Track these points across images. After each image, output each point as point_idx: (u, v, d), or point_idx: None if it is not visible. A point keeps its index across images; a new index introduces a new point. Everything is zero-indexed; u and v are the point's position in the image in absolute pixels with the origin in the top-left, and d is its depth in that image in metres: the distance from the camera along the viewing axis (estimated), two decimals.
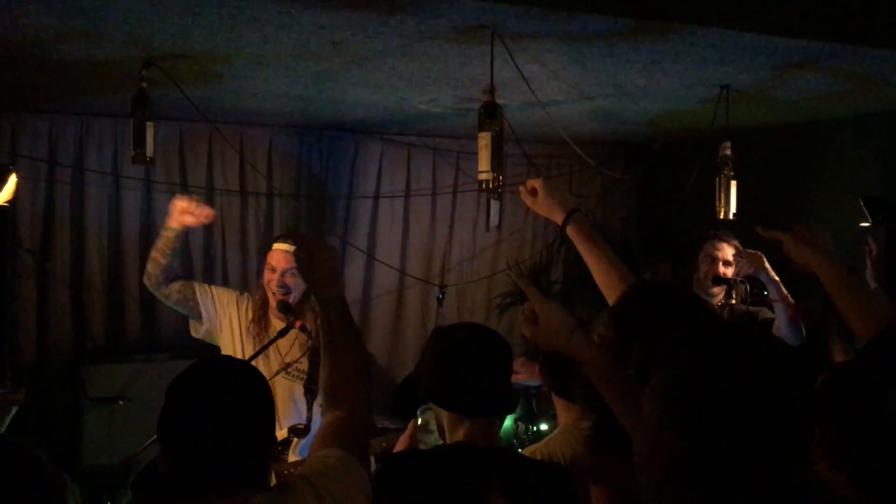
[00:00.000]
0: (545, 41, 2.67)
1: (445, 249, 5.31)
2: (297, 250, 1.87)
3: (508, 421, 3.62)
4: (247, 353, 3.04)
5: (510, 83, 3.07)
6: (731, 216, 3.54)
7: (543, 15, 2.39)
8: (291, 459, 2.97)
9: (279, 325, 3.11)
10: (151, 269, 3.14)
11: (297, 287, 3.08)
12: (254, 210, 4.75)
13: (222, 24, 2.51)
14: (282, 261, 3.10)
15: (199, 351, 3.44)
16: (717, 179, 3.52)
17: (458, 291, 5.24)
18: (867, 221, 3.16)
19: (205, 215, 3.16)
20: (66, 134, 4.33)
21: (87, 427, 4.02)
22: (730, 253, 3.57)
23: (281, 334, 3.00)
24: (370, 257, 5.04)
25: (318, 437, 1.72)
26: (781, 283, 3.38)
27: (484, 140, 2.67)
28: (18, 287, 4.10)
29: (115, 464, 2.88)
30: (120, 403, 3.98)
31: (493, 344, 1.92)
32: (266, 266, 3.18)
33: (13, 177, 3.14)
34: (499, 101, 2.71)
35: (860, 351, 1.86)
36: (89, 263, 4.42)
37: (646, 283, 2.19)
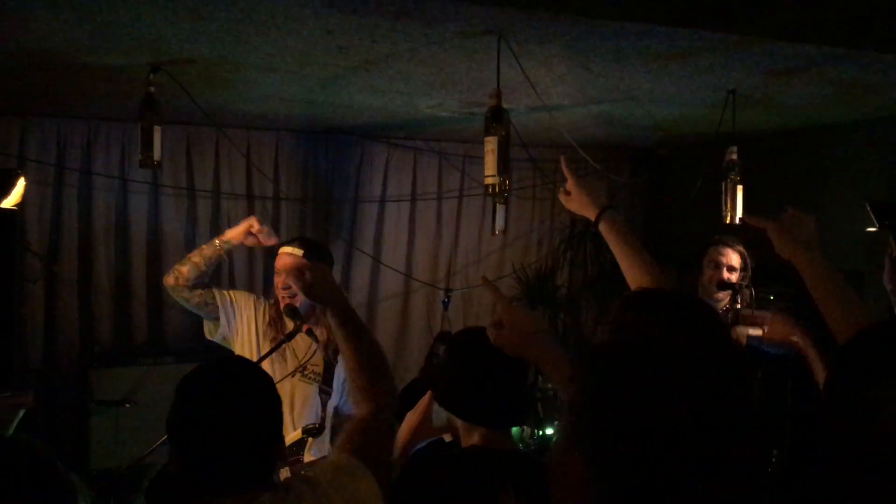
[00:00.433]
0: (551, 46, 2.67)
1: (451, 253, 5.32)
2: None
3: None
4: (263, 353, 3.05)
5: (516, 87, 3.08)
6: (738, 221, 3.53)
7: (549, 20, 2.40)
8: (307, 459, 2.97)
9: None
10: (186, 273, 3.11)
11: None
12: (260, 214, 4.74)
13: (230, 29, 2.52)
14: (287, 263, 3.10)
15: (206, 354, 3.44)
16: (724, 184, 3.51)
17: (464, 295, 5.24)
18: (874, 226, 3.14)
19: (269, 241, 3.22)
20: (74, 138, 4.35)
21: (94, 430, 4.03)
22: (734, 258, 3.56)
23: (288, 338, 3.00)
24: (376, 261, 5.05)
25: (340, 439, 1.81)
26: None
27: (490, 144, 2.67)
28: (26, 290, 4.11)
29: (122, 467, 2.89)
30: (127, 407, 3.99)
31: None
32: (275, 270, 3.19)
33: (21, 181, 3.14)
34: (505, 106, 2.71)
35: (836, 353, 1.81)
36: (97, 267, 4.44)
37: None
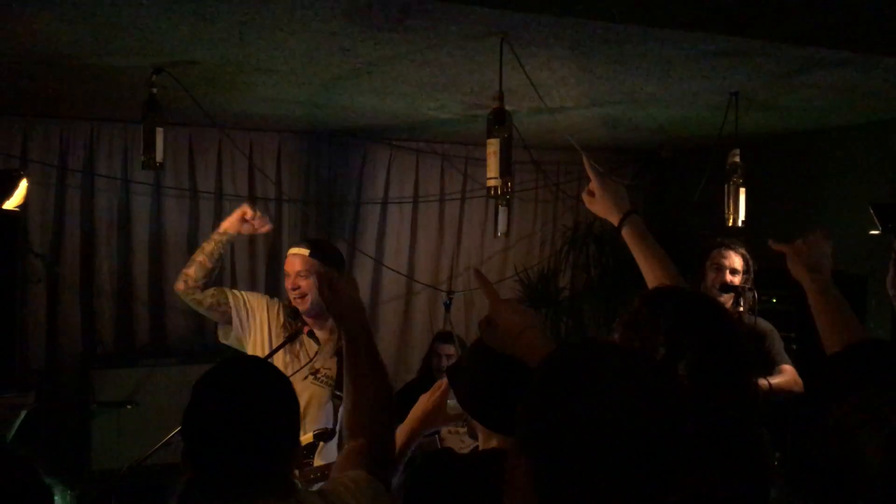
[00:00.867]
0: (554, 48, 2.67)
1: (453, 255, 5.31)
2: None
3: None
4: (276, 356, 3.04)
5: (519, 90, 3.08)
6: (740, 223, 3.53)
7: (552, 22, 2.40)
8: (317, 463, 2.96)
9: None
10: (194, 273, 3.09)
11: (312, 290, 3.08)
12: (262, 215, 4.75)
13: (233, 31, 2.52)
14: (295, 264, 3.09)
15: (208, 356, 3.44)
16: (726, 186, 3.51)
17: (466, 297, 5.23)
18: (877, 229, 3.13)
19: (264, 228, 3.20)
20: (77, 139, 4.35)
21: (96, 431, 4.03)
22: (737, 261, 3.55)
23: (289, 339, 3.01)
24: (378, 263, 5.05)
25: (339, 461, 1.73)
26: None
27: (493, 146, 2.67)
28: (29, 292, 4.10)
29: (124, 468, 2.89)
30: (128, 408, 3.98)
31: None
32: (284, 273, 3.19)
33: (24, 182, 3.14)
34: (508, 108, 2.71)
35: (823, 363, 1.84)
36: (99, 268, 4.44)
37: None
